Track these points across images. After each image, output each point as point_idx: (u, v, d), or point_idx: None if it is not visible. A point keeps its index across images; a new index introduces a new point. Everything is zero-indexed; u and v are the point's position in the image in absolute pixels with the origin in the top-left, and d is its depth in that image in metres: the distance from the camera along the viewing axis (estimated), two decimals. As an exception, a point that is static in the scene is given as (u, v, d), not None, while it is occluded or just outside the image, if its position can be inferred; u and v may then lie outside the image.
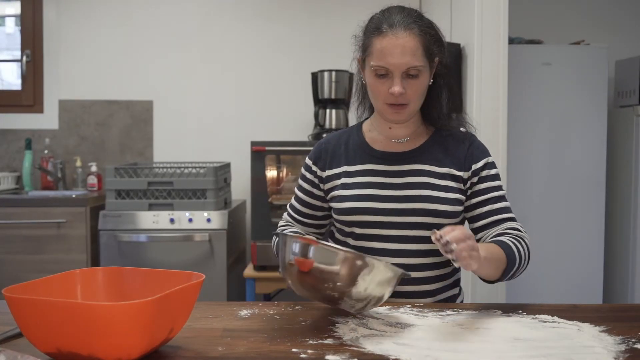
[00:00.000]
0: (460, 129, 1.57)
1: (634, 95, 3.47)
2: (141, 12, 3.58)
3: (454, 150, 1.53)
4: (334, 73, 3.23)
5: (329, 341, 1.09)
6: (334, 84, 3.23)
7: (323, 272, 1.15)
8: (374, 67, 1.44)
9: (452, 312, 1.29)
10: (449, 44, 1.54)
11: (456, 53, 2.73)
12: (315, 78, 3.28)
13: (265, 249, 2.91)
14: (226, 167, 3.24)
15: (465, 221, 1.55)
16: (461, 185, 1.51)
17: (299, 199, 1.63)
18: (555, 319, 1.24)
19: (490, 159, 1.54)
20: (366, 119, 1.64)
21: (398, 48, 1.40)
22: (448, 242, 1.13)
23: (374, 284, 1.16)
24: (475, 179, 1.51)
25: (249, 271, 2.95)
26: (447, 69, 1.53)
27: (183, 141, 3.60)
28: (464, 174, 1.51)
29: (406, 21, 1.43)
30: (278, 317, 1.26)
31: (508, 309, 1.32)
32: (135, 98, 3.59)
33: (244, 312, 1.29)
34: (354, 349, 1.05)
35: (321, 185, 1.59)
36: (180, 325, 1.06)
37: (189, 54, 3.59)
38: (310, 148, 2.92)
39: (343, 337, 1.12)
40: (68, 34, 3.58)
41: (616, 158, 3.54)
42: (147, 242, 2.94)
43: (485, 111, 2.60)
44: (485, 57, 2.62)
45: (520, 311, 1.30)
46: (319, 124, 3.23)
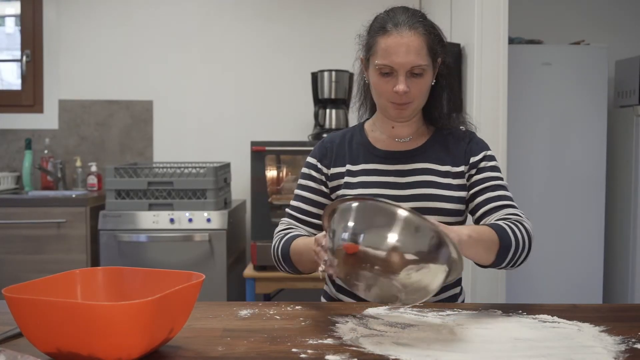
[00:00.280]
0: (460, 127, 1.58)
1: (634, 95, 3.47)
2: (141, 12, 3.58)
3: (454, 148, 1.54)
4: (334, 73, 3.23)
5: (329, 341, 1.09)
6: (334, 84, 3.23)
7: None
8: (378, 66, 1.44)
9: (452, 312, 1.29)
10: (448, 44, 1.55)
11: (456, 53, 2.73)
12: (315, 78, 3.28)
13: (265, 249, 2.91)
14: (226, 167, 3.24)
15: (468, 218, 1.55)
16: (463, 181, 1.51)
17: (304, 199, 1.58)
18: (555, 319, 1.24)
19: (489, 152, 1.54)
20: (367, 119, 1.64)
21: (403, 47, 1.41)
22: None
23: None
24: (473, 171, 1.52)
25: (249, 271, 2.95)
26: (449, 69, 1.54)
27: (183, 141, 3.60)
28: (464, 168, 1.52)
29: (411, 21, 1.44)
30: (278, 317, 1.26)
31: (508, 309, 1.31)
32: (135, 98, 3.59)
33: (244, 312, 1.29)
34: (354, 349, 1.05)
35: (328, 183, 1.58)
36: (180, 325, 1.06)
37: (189, 54, 3.59)
38: (311, 148, 2.95)
39: (343, 337, 1.11)
40: (68, 34, 3.58)
41: (616, 158, 3.54)
42: (147, 242, 2.94)
43: (485, 111, 2.60)
44: (485, 57, 2.62)
45: (520, 311, 1.30)
46: (319, 124, 3.23)
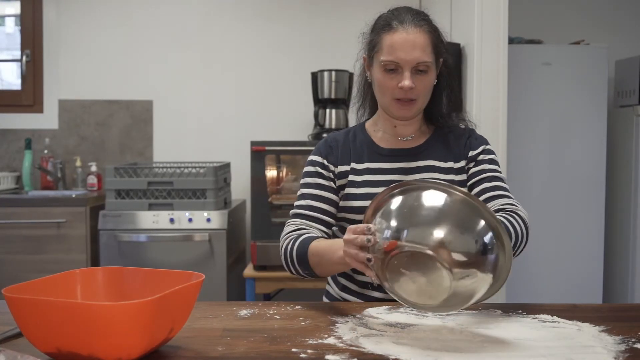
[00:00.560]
0: (460, 125, 1.59)
1: (634, 95, 3.47)
2: (141, 12, 3.58)
3: (455, 144, 1.55)
4: (333, 73, 3.23)
5: (329, 341, 1.09)
6: (333, 84, 3.23)
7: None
8: (384, 62, 1.45)
9: (452, 312, 1.29)
10: (448, 44, 1.56)
11: (456, 53, 2.73)
12: (315, 78, 3.28)
13: (265, 249, 2.91)
14: (226, 167, 3.24)
15: None
16: (465, 177, 1.53)
17: (314, 196, 1.54)
18: (555, 318, 1.24)
19: (487, 147, 1.56)
20: (367, 119, 1.64)
21: (409, 43, 1.43)
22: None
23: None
24: (472, 164, 1.53)
25: (249, 271, 2.95)
26: (449, 69, 1.56)
27: (183, 141, 3.60)
28: (464, 163, 1.53)
29: (416, 19, 1.46)
30: (278, 317, 1.26)
31: (508, 309, 1.32)
32: (135, 98, 3.59)
33: (244, 312, 1.29)
34: (354, 349, 1.05)
35: (336, 181, 1.56)
36: (180, 325, 1.06)
37: (189, 54, 3.59)
38: (311, 148, 2.96)
39: (343, 337, 1.11)
40: (68, 34, 3.58)
41: (616, 158, 3.54)
42: (147, 242, 2.94)
43: (485, 111, 2.60)
44: (485, 57, 2.62)
45: (520, 311, 1.30)
46: (318, 123, 3.23)
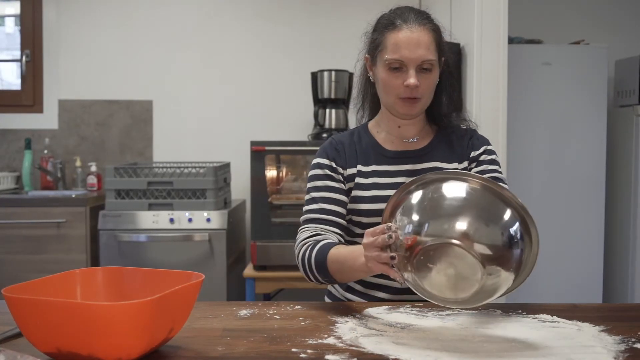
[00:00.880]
0: (462, 125, 1.59)
1: (633, 95, 3.47)
2: (141, 12, 3.58)
3: (458, 145, 1.56)
4: (333, 73, 3.23)
5: (329, 341, 1.09)
6: (333, 84, 3.23)
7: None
8: (388, 61, 1.44)
9: (452, 312, 1.29)
10: (448, 44, 1.56)
11: (456, 53, 2.73)
12: (315, 78, 3.28)
13: (265, 249, 2.91)
14: (226, 167, 3.24)
15: None
16: None
17: (326, 199, 1.51)
18: (555, 318, 1.24)
19: (489, 147, 1.56)
20: (368, 120, 1.64)
21: (413, 41, 1.43)
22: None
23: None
24: (473, 165, 1.54)
25: (249, 271, 2.95)
26: (450, 69, 1.56)
27: (183, 141, 3.60)
28: (466, 163, 1.54)
29: (419, 17, 1.46)
30: (278, 317, 1.26)
31: (508, 309, 1.32)
32: (135, 98, 3.59)
33: (243, 312, 1.29)
34: (354, 349, 1.05)
35: (345, 183, 1.55)
36: (180, 325, 1.06)
37: (189, 54, 3.59)
38: (311, 148, 2.96)
39: (343, 337, 1.11)
40: (68, 34, 3.58)
41: (616, 158, 3.54)
42: (147, 242, 2.94)
43: (485, 111, 2.60)
44: (485, 57, 2.62)
45: (520, 311, 1.30)
46: (318, 123, 3.23)
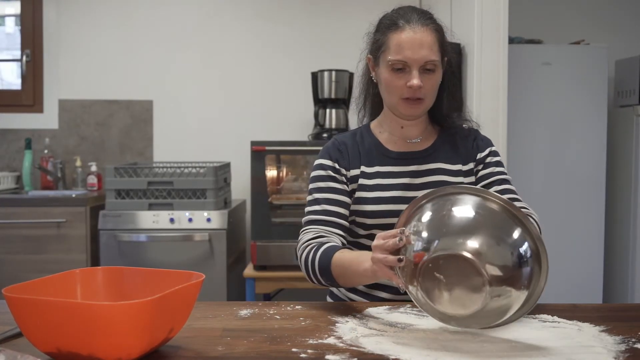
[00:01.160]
0: (463, 125, 1.59)
1: (634, 95, 3.47)
2: (141, 12, 3.58)
3: (462, 146, 1.56)
4: (334, 73, 3.23)
5: (329, 341, 1.09)
6: (334, 84, 3.23)
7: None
8: (391, 62, 1.44)
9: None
10: (450, 44, 1.56)
11: (456, 53, 2.73)
12: (315, 78, 3.28)
13: (265, 249, 2.91)
14: (226, 167, 3.24)
15: None
16: (473, 179, 1.53)
17: (329, 200, 1.50)
18: (555, 318, 1.24)
19: (493, 148, 1.57)
20: (371, 120, 1.63)
21: (416, 42, 1.42)
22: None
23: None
24: (480, 167, 1.54)
25: (249, 271, 2.95)
26: (452, 69, 1.55)
27: (183, 141, 3.60)
28: (472, 165, 1.54)
29: (422, 17, 1.45)
30: (278, 317, 1.26)
31: (508, 309, 1.31)
32: (135, 98, 3.59)
33: (243, 312, 1.29)
34: (354, 348, 1.05)
35: (349, 185, 1.54)
36: (180, 325, 1.06)
37: (188, 54, 3.59)
38: (311, 148, 2.96)
39: (343, 337, 1.11)
40: (68, 33, 3.58)
41: (616, 158, 3.54)
42: (147, 242, 2.94)
43: (485, 111, 2.60)
44: (485, 57, 2.62)
45: (520, 311, 1.30)
46: (318, 123, 3.23)
